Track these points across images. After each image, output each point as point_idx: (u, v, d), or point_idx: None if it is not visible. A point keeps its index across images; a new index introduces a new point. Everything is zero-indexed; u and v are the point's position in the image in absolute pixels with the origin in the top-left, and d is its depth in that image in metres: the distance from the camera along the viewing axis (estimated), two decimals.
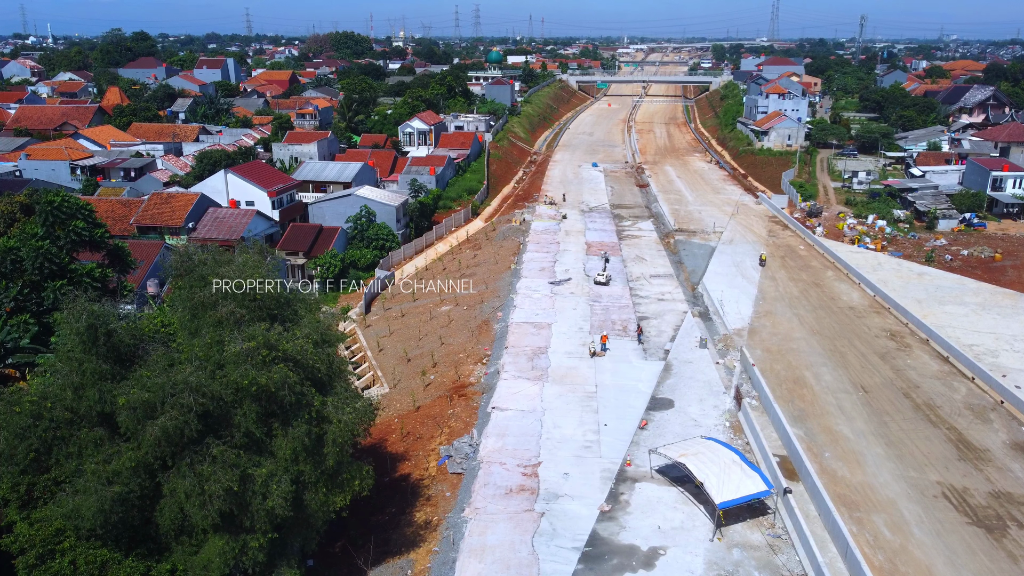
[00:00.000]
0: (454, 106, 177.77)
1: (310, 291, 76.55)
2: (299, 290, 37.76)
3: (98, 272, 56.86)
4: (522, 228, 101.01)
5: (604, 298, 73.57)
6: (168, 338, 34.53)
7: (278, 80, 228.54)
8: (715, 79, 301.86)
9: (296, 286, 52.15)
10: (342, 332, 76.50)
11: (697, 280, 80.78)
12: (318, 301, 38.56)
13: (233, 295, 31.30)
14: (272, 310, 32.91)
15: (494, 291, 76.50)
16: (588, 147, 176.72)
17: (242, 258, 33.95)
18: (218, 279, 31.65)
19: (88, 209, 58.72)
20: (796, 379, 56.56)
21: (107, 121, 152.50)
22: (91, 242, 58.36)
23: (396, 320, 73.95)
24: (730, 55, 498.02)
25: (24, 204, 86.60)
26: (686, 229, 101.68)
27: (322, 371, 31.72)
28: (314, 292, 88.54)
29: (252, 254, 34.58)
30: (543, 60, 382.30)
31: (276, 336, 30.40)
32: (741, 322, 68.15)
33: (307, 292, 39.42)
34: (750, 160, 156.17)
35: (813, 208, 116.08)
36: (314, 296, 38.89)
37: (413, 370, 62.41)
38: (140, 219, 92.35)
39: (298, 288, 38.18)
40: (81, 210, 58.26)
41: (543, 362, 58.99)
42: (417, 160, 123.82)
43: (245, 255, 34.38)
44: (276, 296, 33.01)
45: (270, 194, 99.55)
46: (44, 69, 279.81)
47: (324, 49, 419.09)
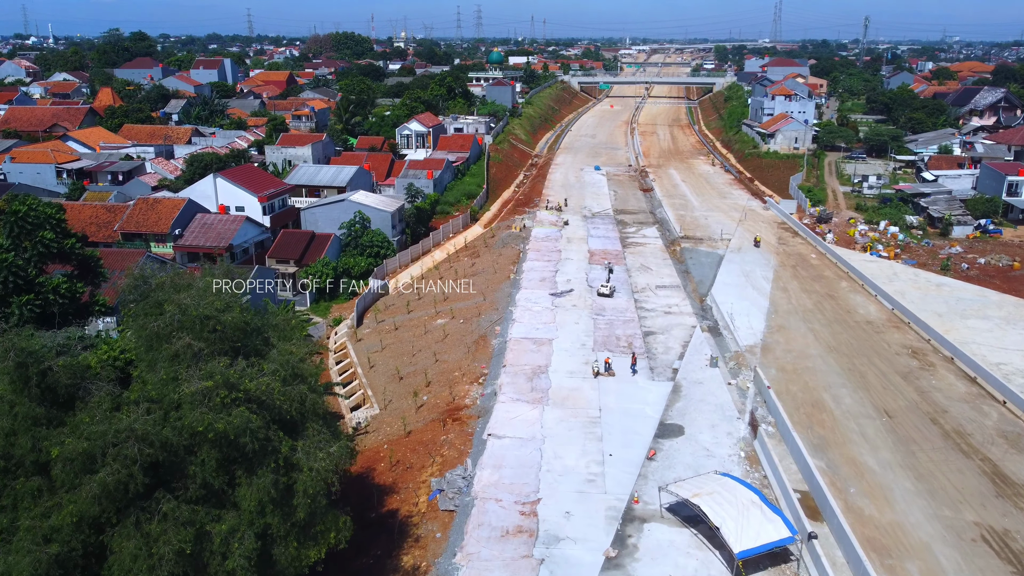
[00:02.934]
0: (454, 108, 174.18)
1: (296, 301, 73.21)
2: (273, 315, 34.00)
3: (66, 287, 53.14)
4: (522, 235, 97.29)
5: (608, 311, 69.85)
6: (123, 372, 30.83)
7: (275, 81, 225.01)
8: (718, 80, 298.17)
9: (273, 309, 48.59)
10: (336, 344, 73.01)
11: (705, 291, 77.04)
12: (293, 327, 34.86)
13: (191, 325, 27.57)
14: (236, 342, 29.17)
15: (492, 303, 72.80)
16: (590, 150, 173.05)
17: (204, 282, 30.23)
18: (176, 306, 27.89)
19: (57, 218, 55.10)
20: (814, 402, 52.80)
21: (99, 123, 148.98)
22: (60, 254, 54.65)
23: (389, 334, 70.27)
24: (733, 56, 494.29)
25: (1, 210, 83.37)
26: (692, 236, 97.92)
27: (292, 412, 28.01)
28: (306, 301, 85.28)
29: (218, 277, 30.82)
30: (545, 61, 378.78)
31: (238, 374, 26.70)
32: (753, 338, 64.38)
33: (285, 315, 35.63)
34: (756, 163, 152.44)
35: (823, 214, 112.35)
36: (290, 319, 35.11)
37: (405, 389, 58.72)
38: (125, 226, 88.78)
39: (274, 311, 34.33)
40: (50, 219, 54.59)
41: (543, 383, 55.26)
42: (415, 163, 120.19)
43: (209, 278, 30.66)
44: (242, 325, 29.29)
45: (261, 199, 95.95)
46: (40, 69, 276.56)
47: (324, 50, 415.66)
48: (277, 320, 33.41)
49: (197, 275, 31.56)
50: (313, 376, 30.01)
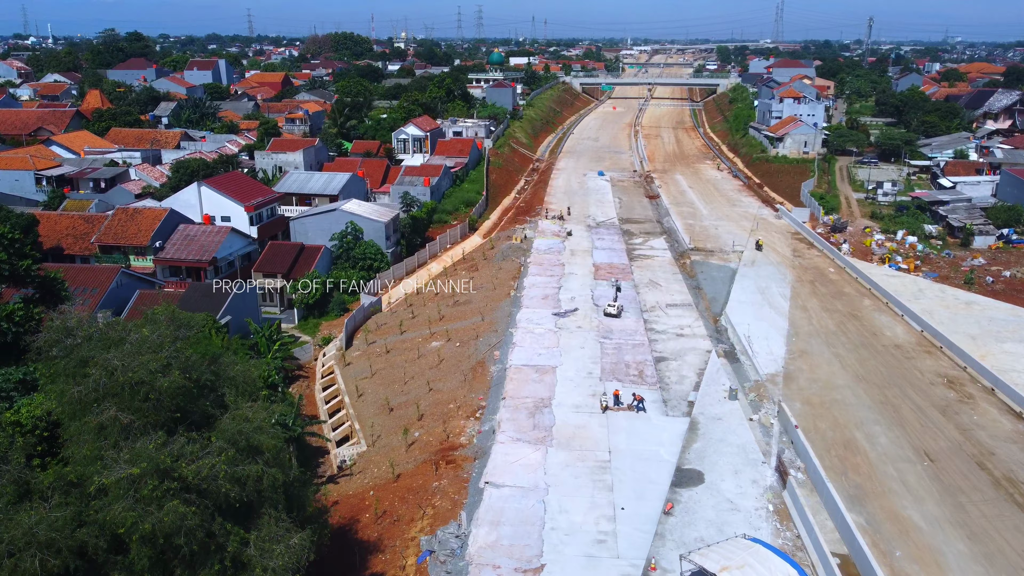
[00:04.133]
0: (453, 110, 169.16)
1: (283, 318, 67.94)
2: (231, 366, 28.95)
3: (21, 313, 48.16)
4: (523, 247, 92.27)
5: (615, 333, 64.82)
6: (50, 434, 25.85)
7: (270, 82, 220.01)
8: (722, 81, 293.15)
9: (254, 328, 43.55)
10: (324, 367, 67.99)
11: (719, 310, 72.03)
12: (255, 380, 29.86)
13: (119, 393, 22.61)
14: (176, 411, 24.18)
15: (491, 324, 67.79)
16: (593, 153, 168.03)
17: (141, 334, 25.25)
18: (102, 369, 22.91)
19: (10, 237, 50.05)
20: (846, 443, 47.77)
21: (85, 126, 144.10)
22: (12, 276, 49.66)
23: (380, 357, 65.25)
24: (735, 57, 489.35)
25: None
26: (703, 248, 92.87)
27: (243, 498, 23.01)
28: (293, 318, 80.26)
29: (160, 326, 25.85)
30: (546, 61, 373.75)
31: (174, 455, 21.75)
32: (774, 365, 59.33)
33: (245, 365, 30.58)
34: (765, 168, 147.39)
35: (837, 223, 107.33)
36: (251, 371, 30.09)
37: (395, 423, 53.72)
38: (103, 237, 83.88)
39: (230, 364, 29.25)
40: (2, 238, 49.55)
41: (546, 419, 50.24)
42: (411, 170, 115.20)
43: (147, 330, 25.67)
44: (183, 390, 24.31)
45: (247, 209, 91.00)
46: (32, 70, 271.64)
47: (323, 50, 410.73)
48: (236, 372, 28.42)
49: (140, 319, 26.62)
50: (273, 449, 25.00)
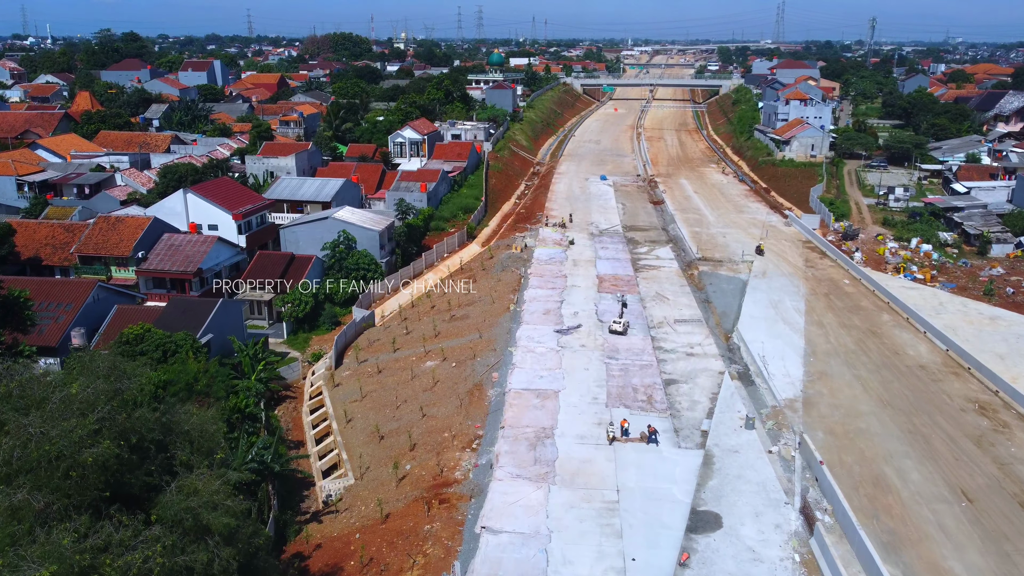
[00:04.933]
0: (451, 112, 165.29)
1: (272, 333, 63.43)
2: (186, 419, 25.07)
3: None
4: (523, 256, 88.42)
5: (622, 353, 60.93)
6: None
7: (266, 84, 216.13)
8: (725, 82, 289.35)
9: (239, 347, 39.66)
10: (312, 387, 64.15)
11: (730, 326, 68.16)
12: (214, 433, 25.96)
13: (36, 468, 18.76)
14: (105, 488, 20.29)
15: (489, 341, 63.90)
16: (595, 157, 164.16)
17: (68, 391, 21.36)
18: (16, 438, 19.06)
19: None
20: (875, 479, 43.88)
21: (73, 129, 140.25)
22: None
23: (371, 378, 61.36)
24: (736, 57, 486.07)
25: None
26: (711, 258, 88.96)
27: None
28: (283, 333, 76.38)
29: (95, 378, 21.96)
30: (546, 62, 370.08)
31: (96, 550, 17.89)
32: (792, 388, 55.44)
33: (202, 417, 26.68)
34: (771, 172, 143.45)
35: (849, 230, 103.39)
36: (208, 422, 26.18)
37: (386, 453, 49.86)
38: (83, 248, 79.94)
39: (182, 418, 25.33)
40: None
41: (549, 452, 46.36)
42: (407, 175, 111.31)
43: (78, 385, 21.75)
44: (116, 463, 20.42)
45: (236, 217, 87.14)
46: (25, 71, 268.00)
47: (322, 50, 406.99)
48: (191, 425, 24.55)
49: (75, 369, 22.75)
50: (225, 528, 21.12)
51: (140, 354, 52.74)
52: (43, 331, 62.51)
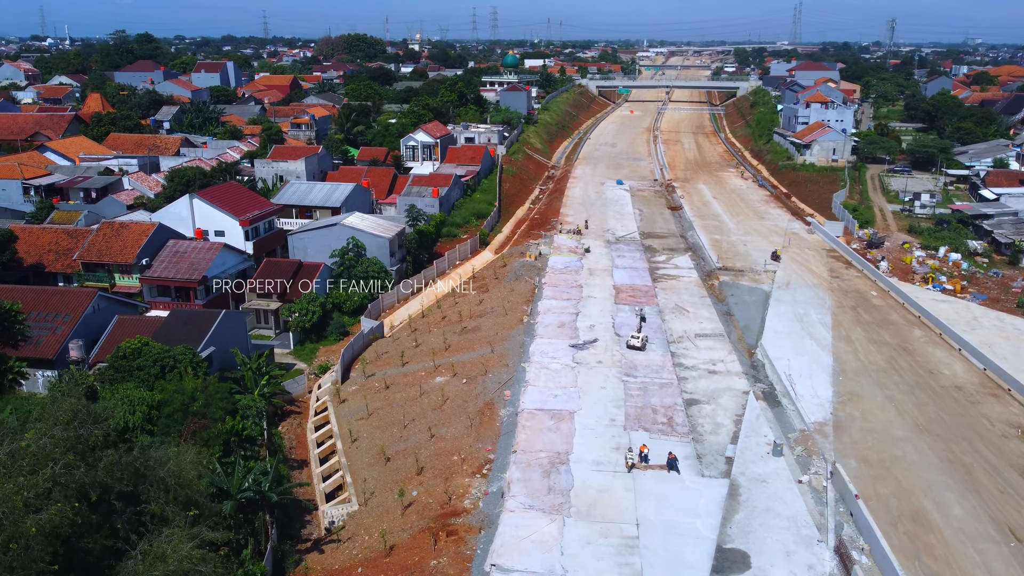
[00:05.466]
0: (465, 115, 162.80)
1: (278, 343, 59.81)
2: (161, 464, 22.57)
3: None
4: (538, 265, 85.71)
5: (640, 370, 58.10)
6: None
7: (278, 85, 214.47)
8: (742, 84, 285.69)
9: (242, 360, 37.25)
10: (317, 403, 61.75)
11: (754, 341, 65.17)
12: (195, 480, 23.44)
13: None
14: (52, 561, 17.70)
15: (501, 356, 61.23)
16: (611, 160, 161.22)
17: (20, 444, 18.84)
18: None
19: None
20: (915, 514, 40.86)
21: (83, 131, 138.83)
22: None
23: (378, 394, 58.84)
24: (753, 59, 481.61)
25: None
26: (731, 267, 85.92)
27: None
28: (289, 343, 74.06)
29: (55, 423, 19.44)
30: (561, 64, 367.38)
31: None
32: (821, 410, 52.43)
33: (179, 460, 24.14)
34: (791, 177, 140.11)
35: (873, 238, 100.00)
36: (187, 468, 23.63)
37: (392, 477, 47.29)
38: (86, 255, 78.05)
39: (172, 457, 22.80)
40: None
41: (563, 480, 43.63)
42: (419, 179, 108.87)
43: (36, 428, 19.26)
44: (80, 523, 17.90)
45: (243, 223, 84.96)
46: (40, 72, 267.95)
47: (336, 52, 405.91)
48: (167, 471, 22.03)
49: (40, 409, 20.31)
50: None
51: (137, 369, 50.58)
52: (40, 343, 60.50)
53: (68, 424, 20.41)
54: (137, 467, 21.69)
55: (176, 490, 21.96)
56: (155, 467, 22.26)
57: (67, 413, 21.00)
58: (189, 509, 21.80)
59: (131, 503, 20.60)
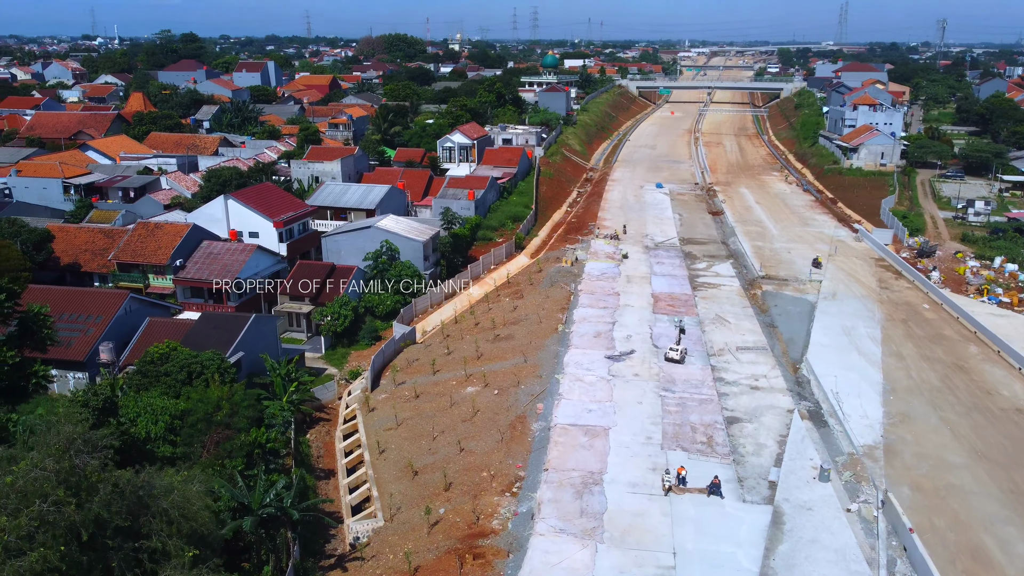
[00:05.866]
0: (502, 116, 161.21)
1: (309, 347, 58.53)
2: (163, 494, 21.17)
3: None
4: (574, 271, 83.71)
5: (678, 384, 55.85)
6: None
7: (317, 85, 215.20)
8: (786, 85, 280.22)
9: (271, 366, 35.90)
10: (347, 410, 60.60)
11: (798, 355, 62.42)
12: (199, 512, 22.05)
13: None
14: None
15: (535, 367, 59.43)
16: (651, 163, 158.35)
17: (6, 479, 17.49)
18: None
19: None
20: (974, 551, 38.14)
21: (125, 129, 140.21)
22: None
23: (407, 403, 57.42)
24: (797, 59, 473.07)
25: None
26: (775, 276, 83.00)
27: None
28: (320, 347, 73.10)
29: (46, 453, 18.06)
30: (601, 64, 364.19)
31: None
32: (870, 432, 49.69)
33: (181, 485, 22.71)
34: (837, 181, 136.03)
35: (924, 246, 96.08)
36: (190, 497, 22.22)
37: (419, 493, 45.78)
38: (120, 255, 77.95)
39: None
40: None
41: (596, 502, 41.67)
42: (455, 181, 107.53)
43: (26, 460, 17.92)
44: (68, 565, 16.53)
45: (276, 224, 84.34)
46: (87, 72, 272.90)
47: (376, 51, 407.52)
48: (170, 502, 20.60)
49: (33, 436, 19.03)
50: None
51: (164, 375, 49.81)
52: (71, 344, 60.21)
53: (63, 454, 19.13)
54: (139, 496, 20.36)
55: (180, 522, 20.62)
56: (158, 496, 20.96)
57: (63, 441, 19.71)
58: (193, 544, 20.40)
59: (129, 538, 19.31)
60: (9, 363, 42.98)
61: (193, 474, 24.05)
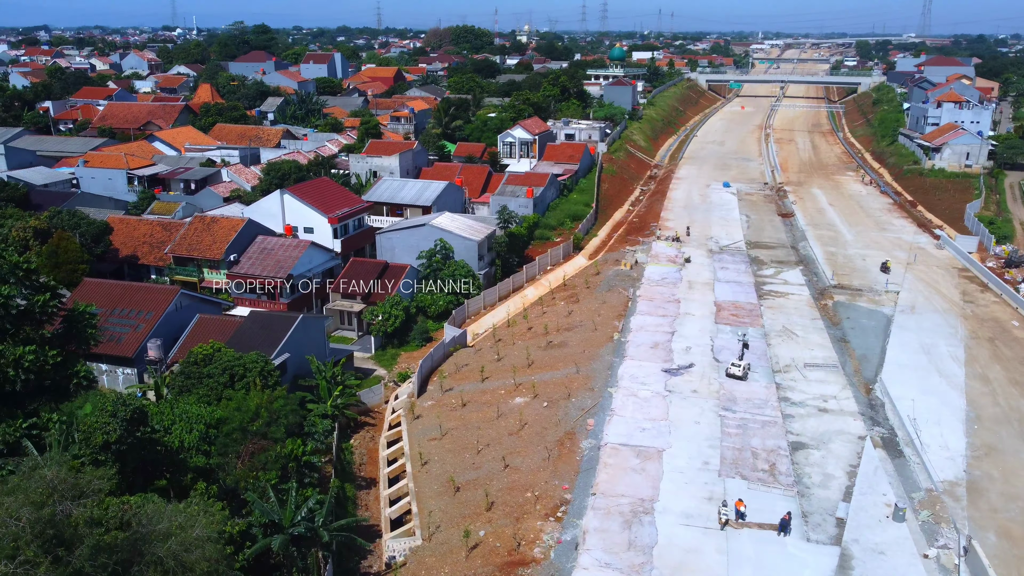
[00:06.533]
0: (566, 110, 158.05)
1: (359, 347, 56.59)
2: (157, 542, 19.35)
3: (31, 358, 40.98)
4: (633, 274, 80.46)
5: (740, 404, 52.41)
6: None
7: (382, 77, 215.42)
8: (864, 80, 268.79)
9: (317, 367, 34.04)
10: (392, 415, 59.01)
11: (872, 375, 58.12)
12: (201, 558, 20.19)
13: None
14: None
15: (587, 378, 56.70)
16: (718, 160, 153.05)
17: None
18: None
19: (25, 268, 42.96)
20: None
21: (192, 121, 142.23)
22: (26, 314, 42.51)
23: (453, 412, 55.43)
24: (877, 52, 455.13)
25: (40, 229, 74.09)
26: (848, 286, 78.20)
27: None
28: (370, 347, 71.80)
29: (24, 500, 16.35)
30: (671, 56, 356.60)
31: None
32: (952, 466, 45.48)
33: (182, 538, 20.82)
34: (917, 183, 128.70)
35: (1013, 256, 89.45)
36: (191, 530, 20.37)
37: (459, 511, 43.70)
38: (177, 248, 78.20)
39: None
40: (16, 269, 42.51)
41: (646, 533, 38.83)
42: (514, 178, 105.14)
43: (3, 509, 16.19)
44: None
45: (331, 220, 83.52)
46: (162, 62, 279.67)
47: (443, 43, 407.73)
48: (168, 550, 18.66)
49: None
50: None
51: (207, 376, 48.88)
52: (121, 340, 60.23)
53: (41, 502, 17.41)
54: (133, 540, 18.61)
55: (177, 572, 18.86)
56: (155, 542, 19.19)
57: (46, 485, 17.98)
58: None
59: None
60: (52, 362, 42.33)
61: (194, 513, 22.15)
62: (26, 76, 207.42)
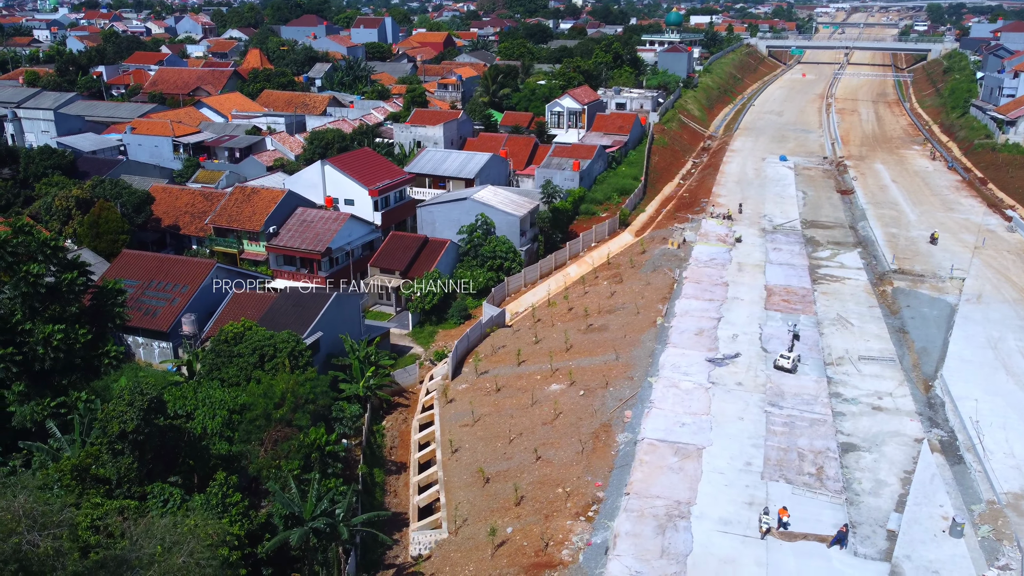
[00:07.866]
0: (618, 78, 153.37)
1: (396, 323, 54.88)
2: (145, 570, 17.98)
3: (60, 337, 40.49)
4: (680, 254, 77.46)
5: (787, 399, 49.67)
6: None
7: (432, 42, 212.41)
8: (934, 47, 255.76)
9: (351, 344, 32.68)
10: (426, 397, 57.79)
11: (932, 371, 54.63)
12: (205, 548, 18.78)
13: None
14: None
15: (627, 366, 54.48)
16: (775, 132, 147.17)
17: None
18: None
19: (53, 246, 42.31)
20: None
21: (240, 87, 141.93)
22: (53, 291, 41.92)
23: (487, 397, 53.88)
24: (949, 17, 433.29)
25: (82, 199, 74.26)
26: (909, 271, 74.00)
27: None
28: (408, 323, 70.58)
29: None
30: (730, 21, 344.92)
31: None
32: (1017, 476, 42.25)
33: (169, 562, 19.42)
34: (990, 159, 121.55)
35: None
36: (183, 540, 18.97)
37: (487, 504, 42.28)
38: (217, 219, 77.86)
39: None
40: (44, 247, 41.88)
41: (681, 540, 36.79)
42: (560, 150, 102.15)
43: None
44: None
45: (372, 192, 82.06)
46: (216, 26, 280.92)
47: (497, 7, 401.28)
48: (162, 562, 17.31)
49: None
50: None
51: (237, 355, 48.09)
52: (157, 314, 60.03)
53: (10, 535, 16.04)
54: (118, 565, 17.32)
55: None
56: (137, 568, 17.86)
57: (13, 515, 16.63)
58: None
59: None
60: (83, 340, 41.86)
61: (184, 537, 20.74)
62: (83, 40, 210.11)
